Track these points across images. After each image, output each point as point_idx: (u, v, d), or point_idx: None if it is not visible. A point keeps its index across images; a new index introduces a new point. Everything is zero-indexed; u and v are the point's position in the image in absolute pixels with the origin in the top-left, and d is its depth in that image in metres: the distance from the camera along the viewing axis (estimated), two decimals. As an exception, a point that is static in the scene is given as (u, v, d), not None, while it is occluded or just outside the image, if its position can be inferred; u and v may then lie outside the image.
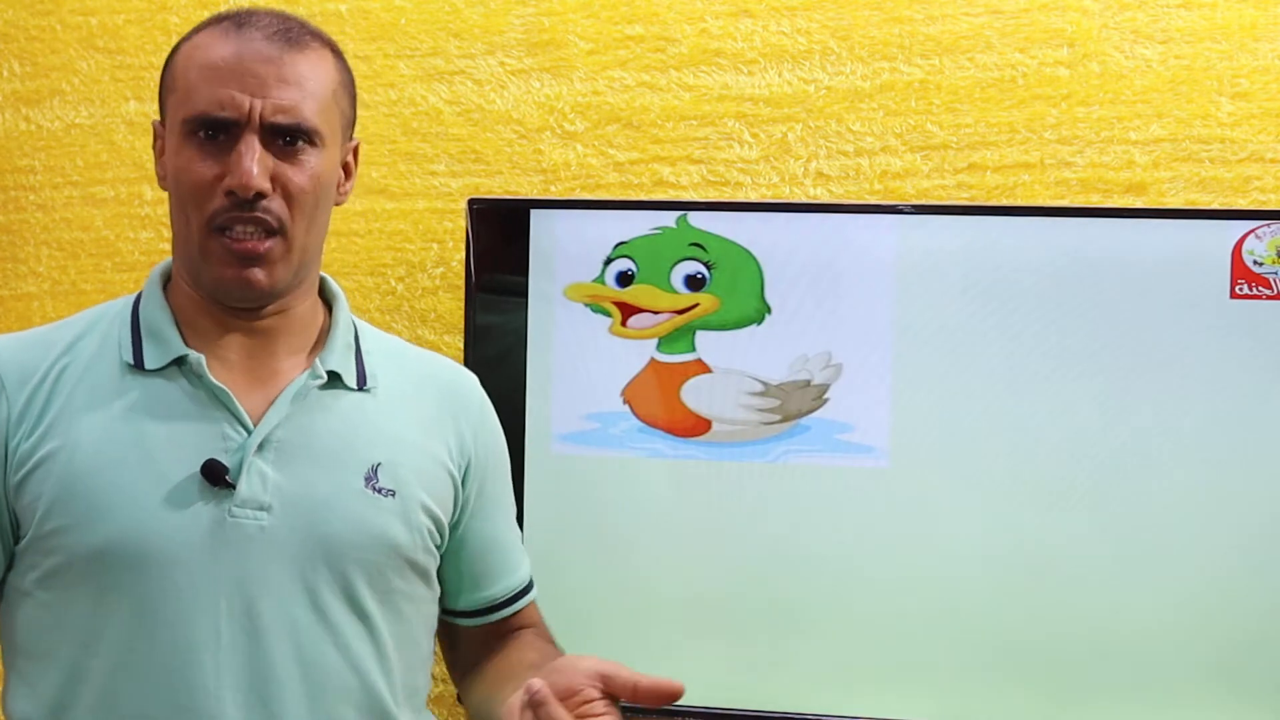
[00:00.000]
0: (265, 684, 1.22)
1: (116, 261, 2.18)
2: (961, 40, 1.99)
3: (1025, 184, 1.96)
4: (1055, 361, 1.85)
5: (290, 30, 1.26)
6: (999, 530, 1.86)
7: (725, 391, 1.92)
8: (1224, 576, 1.83)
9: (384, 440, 1.30)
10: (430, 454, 1.34)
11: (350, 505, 1.26)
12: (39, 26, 2.20)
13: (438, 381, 1.40)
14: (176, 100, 1.26)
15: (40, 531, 1.21)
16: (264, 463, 1.24)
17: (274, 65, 1.23)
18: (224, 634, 1.21)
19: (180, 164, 1.25)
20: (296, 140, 1.24)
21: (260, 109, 1.22)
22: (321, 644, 1.24)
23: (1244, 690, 1.83)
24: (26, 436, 1.23)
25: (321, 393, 1.29)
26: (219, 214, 1.22)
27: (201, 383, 1.25)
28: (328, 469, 1.27)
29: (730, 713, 1.92)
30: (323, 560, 1.24)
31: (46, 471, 1.22)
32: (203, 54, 1.25)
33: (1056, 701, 1.86)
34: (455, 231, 2.07)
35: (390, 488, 1.28)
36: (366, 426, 1.30)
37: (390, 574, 1.29)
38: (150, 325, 1.28)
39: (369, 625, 1.27)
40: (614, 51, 2.06)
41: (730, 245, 1.91)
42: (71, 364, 1.26)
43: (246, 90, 1.22)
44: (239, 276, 1.23)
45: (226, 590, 1.21)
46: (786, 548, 1.91)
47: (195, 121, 1.23)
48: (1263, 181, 1.92)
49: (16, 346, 1.29)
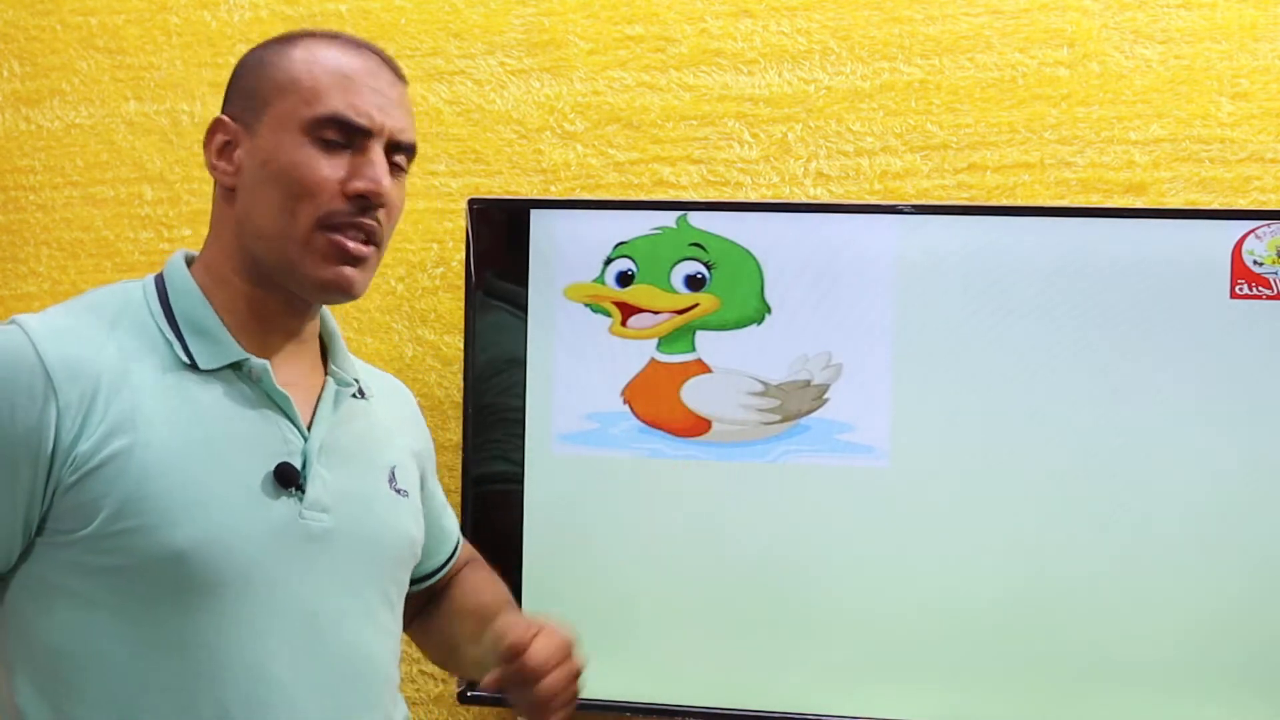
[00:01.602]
0: (334, 679, 1.26)
1: (116, 261, 2.18)
2: (961, 40, 1.99)
3: (1025, 184, 1.96)
4: (1055, 361, 1.85)
5: (398, 67, 1.35)
6: (999, 530, 1.86)
7: (725, 391, 1.92)
8: (1225, 577, 1.83)
9: (390, 444, 1.39)
10: (414, 453, 1.44)
11: (385, 505, 1.34)
12: (39, 26, 2.20)
13: (389, 386, 1.51)
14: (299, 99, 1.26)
15: (107, 530, 1.18)
16: (322, 466, 1.28)
17: (396, 90, 1.31)
18: (298, 633, 1.23)
19: (298, 159, 1.26)
20: (401, 163, 1.31)
21: (390, 128, 1.28)
22: (370, 636, 1.30)
23: (1245, 690, 1.83)
24: (86, 436, 1.19)
25: (349, 400, 1.35)
26: (336, 214, 1.25)
27: (259, 387, 1.27)
28: (363, 472, 1.34)
29: (730, 713, 1.92)
30: (370, 558, 1.31)
31: (117, 470, 1.18)
32: (332, 63, 1.28)
33: (1057, 701, 1.86)
34: (455, 231, 2.07)
35: (404, 488, 1.38)
36: (378, 431, 1.38)
37: (405, 571, 1.38)
38: (194, 323, 1.27)
39: (397, 619, 1.36)
40: (614, 51, 2.06)
41: (730, 245, 1.91)
42: (118, 358, 1.23)
43: (379, 108, 1.28)
44: (341, 275, 1.27)
45: (298, 590, 1.24)
46: (786, 548, 1.91)
47: (327, 122, 1.26)
48: (1263, 181, 1.92)
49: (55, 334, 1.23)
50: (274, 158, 1.27)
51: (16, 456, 1.18)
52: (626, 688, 1.94)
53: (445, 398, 2.06)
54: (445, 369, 2.07)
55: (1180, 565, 1.83)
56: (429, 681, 2.08)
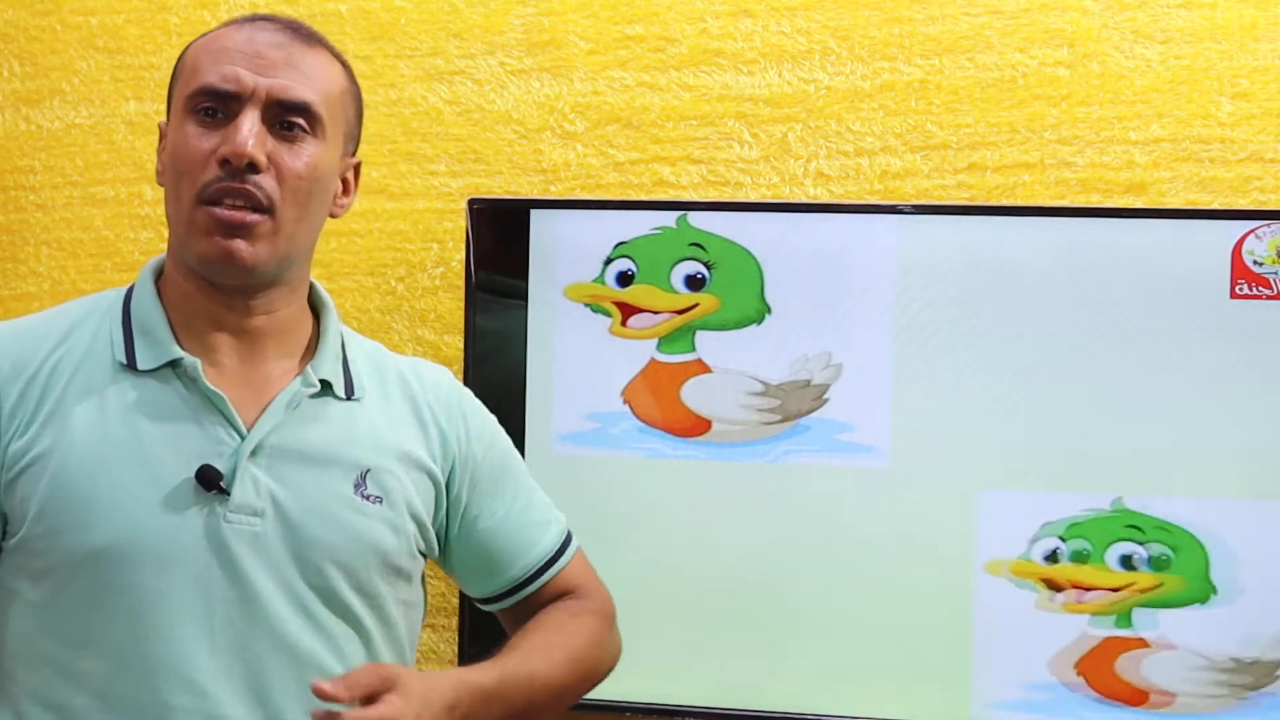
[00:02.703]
0: (262, 685, 1.23)
1: (116, 261, 2.18)
2: (961, 40, 1.99)
3: (1025, 184, 1.96)
4: (1055, 361, 1.85)
5: (302, 30, 1.30)
6: (998, 529, 1.86)
7: (725, 391, 1.92)
8: (1225, 576, 1.83)
9: (372, 447, 1.32)
10: (414, 459, 1.35)
11: (340, 512, 1.28)
12: (39, 26, 2.20)
13: (417, 385, 1.41)
14: (182, 84, 1.28)
15: (33, 531, 1.21)
16: (257, 468, 1.25)
17: (283, 51, 1.26)
18: (219, 636, 1.22)
19: (178, 140, 1.26)
20: (295, 125, 1.26)
21: (265, 87, 1.24)
22: (314, 645, 1.26)
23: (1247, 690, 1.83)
24: (20, 434, 1.22)
25: (313, 401, 1.30)
26: (210, 184, 1.23)
27: (196, 386, 1.26)
28: (318, 476, 1.28)
29: (730, 712, 1.92)
30: (314, 565, 1.26)
31: (40, 470, 1.21)
32: (214, 42, 1.28)
33: (1056, 701, 1.87)
34: (455, 231, 2.07)
35: (378, 494, 1.31)
36: (355, 434, 1.32)
37: (375, 578, 1.31)
38: (143, 324, 1.28)
39: (358, 627, 1.29)
40: (614, 51, 2.06)
41: (730, 245, 1.91)
42: (64, 359, 1.25)
43: (253, 69, 1.25)
44: (222, 248, 1.23)
45: (221, 593, 1.22)
46: (786, 548, 1.91)
47: (197, 96, 1.25)
48: (1263, 181, 1.92)
49: (8, 337, 1.27)
50: (169, 146, 1.28)
51: None
52: (626, 687, 1.94)
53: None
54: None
55: (1180, 564, 1.83)
56: (429, 681, 2.08)
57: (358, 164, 1.37)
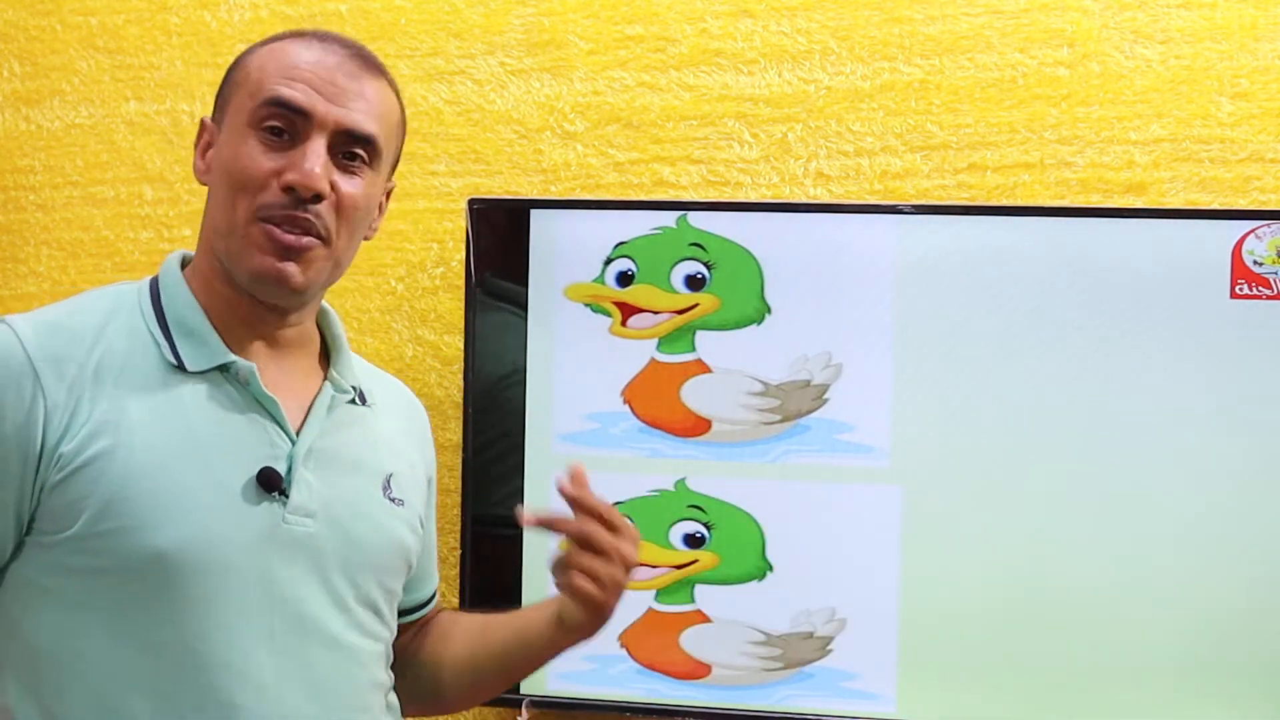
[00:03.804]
0: (318, 681, 1.25)
1: (116, 261, 2.18)
2: (961, 40, 1.99)
3: (1025, 184, 1.96)
4: (1055, 361, 1.85)
5: (371, 58, 1.31)
6: (998, 529, 1.86)
7: (725, 391, 1.92)
8: (1226, 576, 1.83)
9: (389, 452, 1.36)
10: (415, 466, 1.41)
11: (376, 513, 1.32)
12: (39, 26, 2.20)
13: (403, 399, 1.48)
14: (247, 93, 1.27)
15: (89, 531, 1.19)
16: (308, 471, 1.27)
17: (355, 80, 1.27)
18: (278, 635, 1.23)
19: (241, 152, 1.25)
20: (357, 156, 1.27)
21: (336, 117, 1.25)
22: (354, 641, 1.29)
23: (1248, 690, 1.83)
24: (70, 436, 1.20)
25: (346, 406, 1.34)
26: (271, 206, 1.23)
27: (247, 390, 1.26)
28: (355, 479, 1.31)
29: (730, 712, 1.93)
30: (356, 564, 1.29)
31: (99, 471, 1.19)
32: (284, 55, 1.27)
33: (1057, 701, 1.86)
34: (455, 231, 2.07)
35: (400, 497, 1.35)
36: (375, 439, 1.36)
37: (396, 577, 1.36)
38: (183, 324, 1.27)
39: (385, 626, 1.34)
40: (614, 51, 2.06)
41: (730, 245, 1.91)
42: (105, 357, 1.23)
43: (326, 96, 1.25)
44: (275, 269, 1.24)
45: (279, 593, 1.23)
46: (786, 547, 1.91)
47: (266, 108, 1.24)
48: (1263, 181, 1.92)
49: (43, 333, 1.23)
50: (226, 153, 1.27)
51: (7, 453, 1.18)
52: (626, 687, 1.94)
53: (445, 398, 2.06)
54: (445, 369, 2.07)
55: (1181, 565, 1.83)
56: (429, 681, 2.08)
57: (392, 187, 1.39)
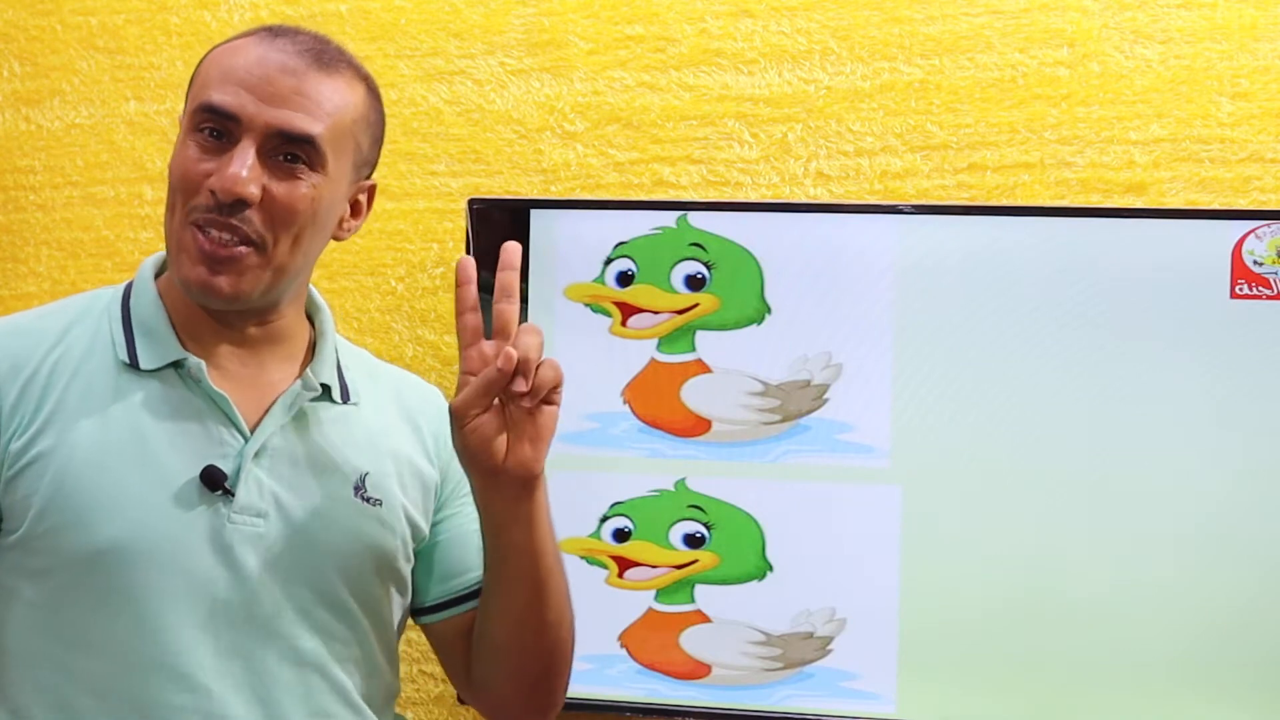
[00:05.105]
0: (264, 685, 1.23)
1: (116, 261, 2.18)
2: (961, 40, 1.99)
3: (1025, 184, 1.96)
4: (1055, 361, 1.85)
5: (324, 53, 1.26)
6: (998, 529, 1.86)
7: (725, 391, 1.92)
8: (1227, 577, 1.83)
9: (370, 451, 1.33)
10: (410, 463, 1.37)
11: (342, 514, 1.29)
12: (39, 26, 2.20)
13: (408, 394, 1.43)
14: (193, 95, 1.26)
15: (34, 530, 1.20)
16: (260, 470, 1.25)
17: (293, 78, 1.22)
18: (223, 636, 1.22)
19: (180, 155, 1.25)
20: (297, 159, 1.23)
21: (266, 118, 1.21)
22: (314, 645, 1.26)
23: (1249, 690, 1.83)
24: (20, 433, 1.21)
25: (313, 404, 1.31)
26: (199, 210, 1.22)
27: (199, 388, 1.25)
28: (320, 478, 1.29)
29: (730, 712, 1.93)
30: (314, 567, 1.26)
31: (42, 469, 1.20)
32: (228, 57, 1.25)
33: (1057, 701, 1.86)
34: (455, 231, 2.07)
35: (377, 497, 1.32)
36: (354, 438, 1.33)
37: (373, 580, 1.31)
38: (144, 323, 1.27)
39: (355, 628, 1.30)
40: (614, 51, 2.06)
41: (730, 245, 1.91)
42: (64, 357, 1.25)
43: (257, 95, 1.21)
44: (204, 280, 1.22)
45: (223, 594, 1.22)
46: (785, 547, 1.91)
47: (200, 113, 1.23)
48: (1263, 181, 1.92)
49: (4, 334, 1.26)
50: (173, 156, 1.27)
51: None
52: (625, 688, 1.94)
53: (445, 397, 2.06)
54: (445, 369, 2.07)
55: (1181, 564, 1.83)
56: (429, 681, 2.08)
57: (372, 186, 1.35)
